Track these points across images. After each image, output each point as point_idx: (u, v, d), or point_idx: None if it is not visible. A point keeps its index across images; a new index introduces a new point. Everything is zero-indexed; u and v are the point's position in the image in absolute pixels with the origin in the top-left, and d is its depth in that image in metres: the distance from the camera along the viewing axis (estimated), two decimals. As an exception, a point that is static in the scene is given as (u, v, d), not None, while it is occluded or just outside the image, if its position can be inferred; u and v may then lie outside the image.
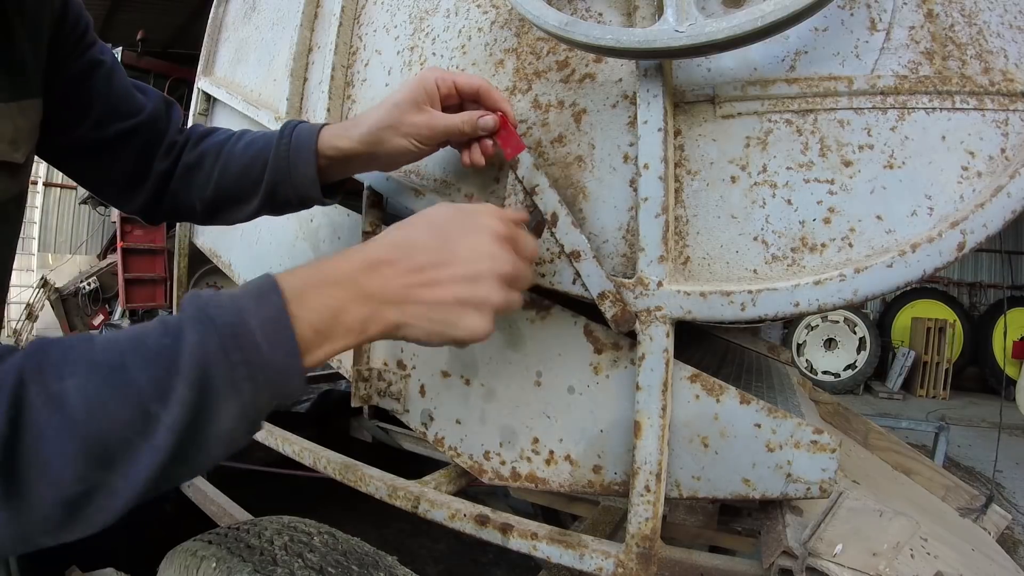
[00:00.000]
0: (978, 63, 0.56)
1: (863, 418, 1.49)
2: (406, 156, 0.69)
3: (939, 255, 0.52)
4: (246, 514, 1.12)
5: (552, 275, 0.66)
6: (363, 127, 0.68)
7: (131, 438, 0.37)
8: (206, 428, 0.39)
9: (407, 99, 0.65)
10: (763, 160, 0.60)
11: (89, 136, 0.70)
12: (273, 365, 0.41)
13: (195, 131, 0.79)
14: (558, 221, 0.64)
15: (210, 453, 0.41)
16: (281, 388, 0.43)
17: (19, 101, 0.59)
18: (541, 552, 0.66)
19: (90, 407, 0.36)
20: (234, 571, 0.69)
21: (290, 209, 0.76)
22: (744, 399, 0.60)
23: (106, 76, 0.70)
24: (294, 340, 0.42)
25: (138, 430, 0.37)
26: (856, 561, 0.53)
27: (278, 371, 0.42)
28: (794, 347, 6.46)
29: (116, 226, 5.68)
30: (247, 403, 0.41)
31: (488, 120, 0.64)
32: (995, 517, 1.21)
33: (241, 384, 0.40)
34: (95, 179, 0.75)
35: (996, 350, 6.68)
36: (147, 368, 0.38)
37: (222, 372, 0.39)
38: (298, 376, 0.43)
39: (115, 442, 0.37)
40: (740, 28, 0.51)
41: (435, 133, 0.66)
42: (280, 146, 0.71)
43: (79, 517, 0.37)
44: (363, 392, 0.86)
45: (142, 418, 0.37)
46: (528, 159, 0.65)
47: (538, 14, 0.60)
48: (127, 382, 0.38)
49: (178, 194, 0.76)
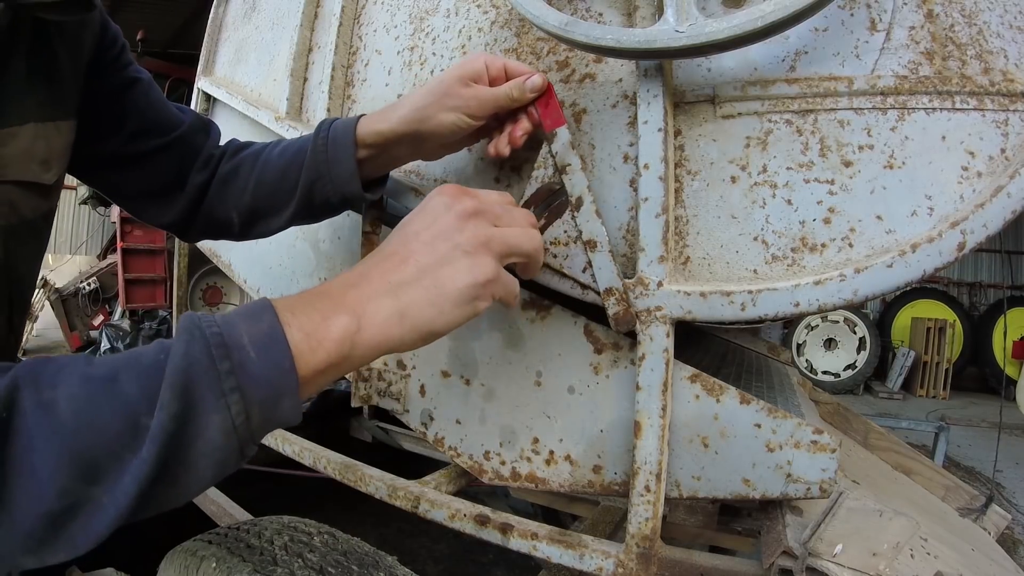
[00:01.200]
0: (978, 63, 0.56)
1: (863, 418, 1.49)
2: (454, 133, 0.65)
3: (939, 255, 0.52)
4: (246, 514, 1.12)
5: (564, 258, 0.65)
6: (406, 107, 0.65)
7: (118, 451, 0.36)
8: (192, 442, 0.37)
9: (453, 76, 0.63)
10: (763, 160, 0.60)
11: (127, 149, 0.71)
12: (264, 377, 0.39)
13: (232, 144, 0.78)
14: (582, 206, 0.63)
15: (197, 472, 0.38)
16: (273, 404, 0.40)
17: (55, 122, 0.60)
18: (541, 552, 0.66)
19: (80, 415, 0.35)
20: (234, 571, 0.69)
21: (329, 212, 0.73)
22: (744, 399, 0.60)
23: (144, 92, 0.71)
24: (287, 348, 0.40)
25: (125, 443, 0.36)
26: (856, 561, 0.53)
27: (270, 383, 0.39)
28: (794, 347, 6.46)
29: (116, 226, 5.68)
30: (236, 416, 0.38)
31: (536, 79, 0.61)
32: (995, 517, 1.21)
33: (229, 395, 0.38)
34: (132, 191, 0.76)
35: (996, 350, 6.67)
36: (139, 379, 0.37)
37: (208, 380, 0.37)
38: (291, 391, 0.40)
39: (102, 454, 0.36)
40: (740, 28, 0.51)
41: (484, 104, 0.63)
42: (317, 142, 0.68)
43: (62, 536, 0.36)
44: (363, 392, 0.86)
45: (131, 430, 0.36)
46: (566, 135, 0.63)
47: (538, 14, 0.60)
48: (118, 393, 0.37)
49: (215, 207, 0.76)
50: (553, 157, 0.64)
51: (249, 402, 0.38)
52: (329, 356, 0.42)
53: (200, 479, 0.39)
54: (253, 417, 0.39)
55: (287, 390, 0.40)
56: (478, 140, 0.71)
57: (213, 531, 0.80)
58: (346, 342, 0.43)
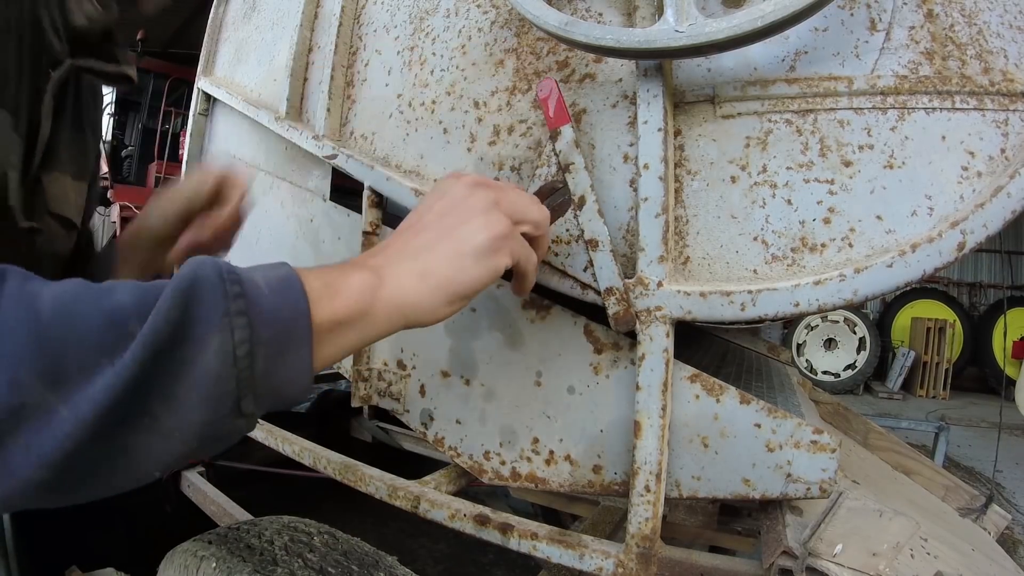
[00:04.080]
0: (978, 63, 0.56)
1: (863, 418, 1.49)
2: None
3: (939, 255, 0.52)
4: (246, 514, 1.12)
5: (566, 256, 0.65)
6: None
7: (93, 354, 0.31)
8: (184, 365, 0.32)
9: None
10: (763, 160, 0.60)
11: None
12: (276, 313, 0.35)
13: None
14: (584, 205, 0.63)
15: (181, 412, 0.33)
16: (282, 349, 0.35)
17: (85, 181, 0.69)
18: (541, 552, 0.66)
19: (59, 309, 0.31)
20: (234, 571, 0.69)
21: None
22: (744, 399, 0.60)
23: None
24: (302, 291, 0.37)
25: (105, 345, 0.31)
26: (856, 561, 0.53)
27: (281, 321, 0.35)
28: (794, 347, 6.46)
29: (116, 226, 5.68)
30: (239, 345, 0.33)
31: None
32: (995, 517, 1.21)
33: (235, 317, 0.33)
34: None
35: (996, 350, 6.68)
36: (136, 291, 0.33)
37: (215, 298, 0.33)
38: (303, 337, 0.36)
39: (74, 352, 0.31)
40: (740, 28, 0.51)
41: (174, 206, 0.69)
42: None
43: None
44: (363, 392, 0.86)
45: (114, 332, 0.32)
46: (570, 134, 0.63)
47: (538, 14, 0.60)
48: (109, 297, 0.33)
49: None
50: (556, 155, 0.64)
51: (256, 336, 0.34)
52: (348, 306, 0.40)
53: (183, 424, 0.33)
54: (257, 358, 0.34)
55: (299, 336, 0.36)
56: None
57: (213, 531, 0.80)
58: (366, 294, 0.41)
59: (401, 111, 0.86)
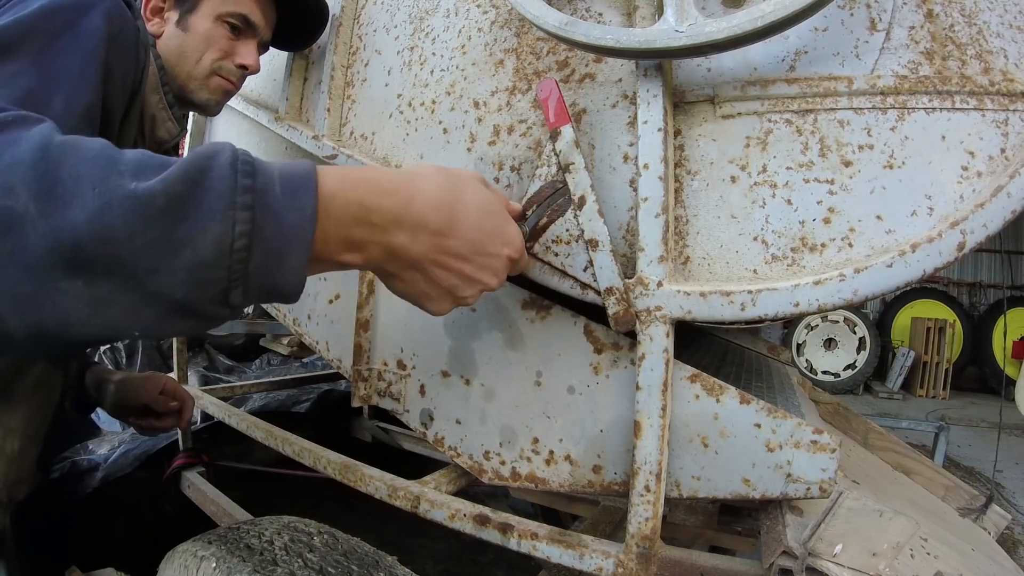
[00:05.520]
0: (978, 63, 0.56)
1: (863, 418, 1.49)
2: None
3: (939, 255, 0.52)
4: (246, 514, 1.12)
5: (566, 256, 0.65)
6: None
7: (85, 186, 0.31)
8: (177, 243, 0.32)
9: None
10: (763, 160, 0.60)
11: None
12: (282, 216, 0.35)
13: None
14: (584, 205, 0.63)
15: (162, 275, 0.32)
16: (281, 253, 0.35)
17: None
18: (541, 552, 0.66)
19: (71, 140, 0.32)
20: (234, 571, 0.69)
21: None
22: (744, 399, 0.60)
23: None
24: (314, 194, 0.36)
25: (94, 179, 0.31)
26: (856, 561, 0.53)
27: (285, 224, 0.35)
28: (794, 347, 6.46)
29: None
30: (238, 239, 0.33)
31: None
32: (995, 517, 1.21)
33: (240, 211, 0.33)
34: None
35: (996, 350, 6.67)
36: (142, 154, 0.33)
37: (223, 187, 0.33)
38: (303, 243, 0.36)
39: (69, 175, 0.31)
40: (740, 28, 0.51)
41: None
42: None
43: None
44: (363, 392, 0.86)
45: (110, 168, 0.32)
46: (570, 134, 0.63)
47: (538, 14, 0.60)
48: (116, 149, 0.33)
49: None
50: (556, 155, 0.64)
51: (256, 232, 0.34)
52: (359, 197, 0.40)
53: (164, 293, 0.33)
54: (254, 253, 0.34)
55: (300, 241, 0.36)
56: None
57: (213, 531, 0.80)
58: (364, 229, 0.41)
59: (401, 111, 0.86)
